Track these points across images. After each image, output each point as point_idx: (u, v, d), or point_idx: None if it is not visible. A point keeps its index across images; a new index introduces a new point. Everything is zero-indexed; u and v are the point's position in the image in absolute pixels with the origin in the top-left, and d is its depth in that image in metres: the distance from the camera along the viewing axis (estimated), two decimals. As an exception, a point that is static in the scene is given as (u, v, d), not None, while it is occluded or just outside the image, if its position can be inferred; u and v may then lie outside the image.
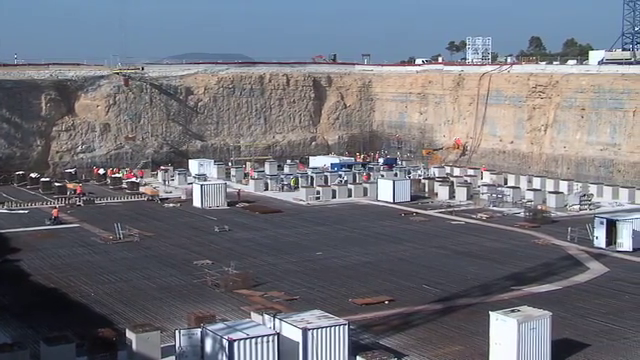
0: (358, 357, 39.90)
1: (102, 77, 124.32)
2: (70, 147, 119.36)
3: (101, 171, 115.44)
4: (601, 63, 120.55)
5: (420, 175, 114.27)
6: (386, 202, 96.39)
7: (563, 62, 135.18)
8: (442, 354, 43.44)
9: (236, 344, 37.58)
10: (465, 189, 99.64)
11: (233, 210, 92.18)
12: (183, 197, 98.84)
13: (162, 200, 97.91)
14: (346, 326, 40.43)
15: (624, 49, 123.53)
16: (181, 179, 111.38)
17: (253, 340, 38.03)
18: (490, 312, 42.28)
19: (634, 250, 69.01)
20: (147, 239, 74.82)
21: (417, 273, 61.96)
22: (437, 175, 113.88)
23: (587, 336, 46.29)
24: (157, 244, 72.91)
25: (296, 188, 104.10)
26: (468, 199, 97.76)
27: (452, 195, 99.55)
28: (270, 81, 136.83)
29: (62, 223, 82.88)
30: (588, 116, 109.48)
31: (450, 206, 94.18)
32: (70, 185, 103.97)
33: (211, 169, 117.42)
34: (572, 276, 60.87)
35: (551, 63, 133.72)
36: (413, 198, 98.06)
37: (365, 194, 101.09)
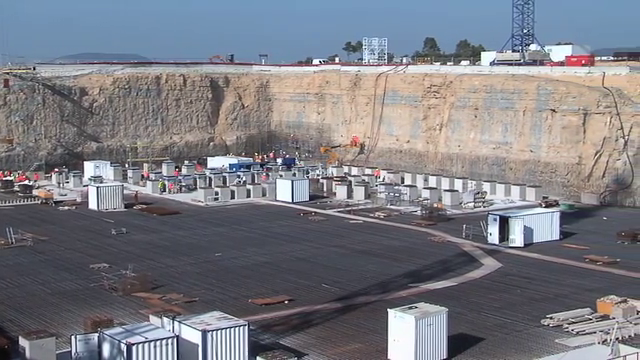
0: (258, 357, 39.93)
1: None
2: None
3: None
4: (493, 64, 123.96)
5: (318, 175, 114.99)
6: (285, 202, 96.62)
7: (457, 63, 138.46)
8: (342, 352, 43.83)
9: (134, 348, 37.09)
10: (363, 188, 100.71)
11: (130, 212, 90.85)
12: (78, 200, 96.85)
13: (56, 203, 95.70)
14: (246, 327, 40.41)
15: (514, 50, 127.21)
16: (76, 181, 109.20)
17: (152, 343, 37.62)
18: (388, 309, 42.93)
19: (525, 245, 71.17)
20: (41, 243, 73.00)
21: (316, 272, 62.34)
22: (335, 175, 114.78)
23: (482, 330, 47.49)
24: (52, 248, 71.20)
25: (163, 191, 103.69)
26: (366, 198, 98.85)
27: (350, 194, 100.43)
28: (167, 81, 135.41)
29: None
30: (481, 115, 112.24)
31: (348, 205, 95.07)
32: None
33: (107, 171, 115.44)
34: (467, 272, 62.32)
35: (445, 64, 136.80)
36: (312, 198, 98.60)
37: (264, 194, 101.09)
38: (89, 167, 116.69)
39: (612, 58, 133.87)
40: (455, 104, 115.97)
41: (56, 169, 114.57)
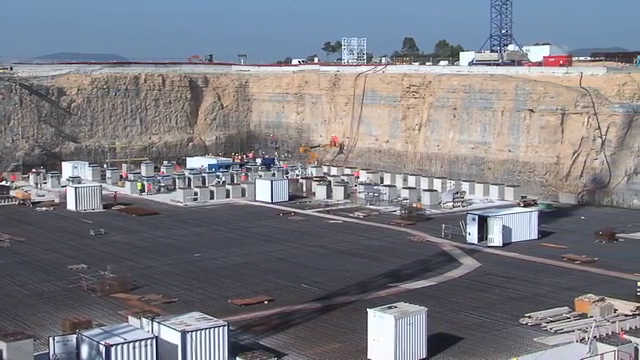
0: (238, 358, 39.89)
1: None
2: None
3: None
4: (471, 64, 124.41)
5: (298, 175, 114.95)
6: (264, 202, 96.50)
7: (435, 63, 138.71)
8: (321, 352, 43.86)
9: (113, 349, 36.93)
10: (342, 188, 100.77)
11: (109, 213, 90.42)
12: (56, 200, 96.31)
13: (34, 204, 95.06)
14: (225, 327, 40.35)
15: (492, 50, 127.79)
16: (54, 182, 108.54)
17: (131, 344, 37.48)
18: (368, 309, 43.01)
19: (504, 245, 71.46)
20: (18, 244, 72.47)
21: (296, 272, 62.32)
22: (315, 175, 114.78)
23: (461, 329, 47.65)
24: (29, 249, 70.71)
25: (142, 192, 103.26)
26: (345, 198, 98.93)
27: (329, 194, 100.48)
28: (145, 81, 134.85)
29: None
30: (460, 115, 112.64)
31: (328, 205, 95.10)
32: None
33: (86, 171, 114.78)
34: (446, 272, 62.51)
35: (424, 64, 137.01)
36: (291, 198, 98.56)
37: (243, 194, 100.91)
38: (67, 167, 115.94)
39: (589, 58, 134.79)
40: (434, 104, 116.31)
41: (34, 170, 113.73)
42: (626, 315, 49.49)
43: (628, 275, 60.65)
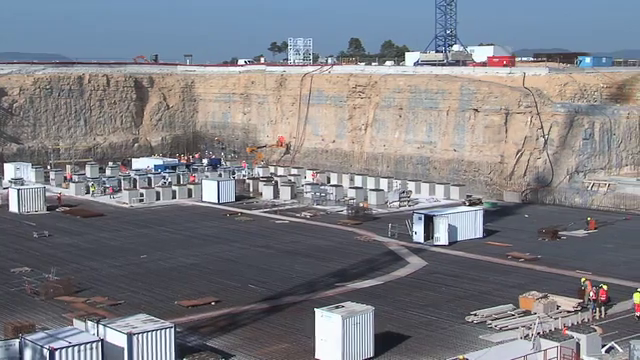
0: (185, 359, 39.66)
1: None
2: None
3: None
4: (416, 64, 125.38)
5: (245, 175, 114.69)
6: (211, 203, 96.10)
7: (381, 63, 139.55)
8: (269, 352, 43.85)
9: (57, 353, 36.45)
10: (289, 188, 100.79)
11: (53, 215, 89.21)
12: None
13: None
14: (172, 329, 40.11)
15: (437, 51, 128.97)
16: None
17: (76, 348, 37.05)
18: (315, 309, 43.13)
19: (450, 244, 72.14)
20: (-40, 247, 71.19)
21: (243, 273, 62.20)
22: (261, 175, 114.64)
23: (408, 328, 48.01)
24: (-29, 252, 69.46)
25: (93, 193, 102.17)
26: (292, 198, 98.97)
27: (276, 194, 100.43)
28: (89, 82, 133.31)
29: None
30: (405, 115, 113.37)
31: (275, 205, 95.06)
32: None
33: (29, 173, 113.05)
34: (393, 271, 62.91)
35: (370, 64, 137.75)
36: (238, 198, 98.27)
37: (190, 195, 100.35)
38: (9, 169, 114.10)
39: (532, 59, 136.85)
40: (380, 104, 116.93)
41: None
42: (568, 311, 50.39)
43: (570, 272, 61.74)
